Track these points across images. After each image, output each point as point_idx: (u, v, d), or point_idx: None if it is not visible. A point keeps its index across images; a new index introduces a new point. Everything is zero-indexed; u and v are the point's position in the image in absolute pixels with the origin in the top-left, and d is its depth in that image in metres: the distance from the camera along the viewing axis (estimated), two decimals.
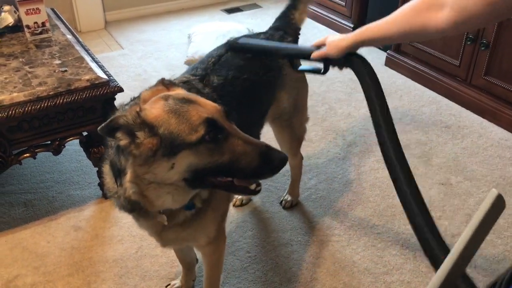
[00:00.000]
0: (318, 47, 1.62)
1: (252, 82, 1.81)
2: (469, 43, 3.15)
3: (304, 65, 1.83)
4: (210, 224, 1.57)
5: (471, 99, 3.24)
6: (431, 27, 1.26)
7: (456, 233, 2.31)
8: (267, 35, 1.99)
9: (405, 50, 3.72)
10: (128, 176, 1.24)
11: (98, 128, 1.21)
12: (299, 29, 2.15)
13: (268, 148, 1.25)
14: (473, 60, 3.18)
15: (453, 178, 2.68)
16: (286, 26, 2.08)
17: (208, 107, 1.25)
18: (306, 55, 1.65)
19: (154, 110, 1.21)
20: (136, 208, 1.38)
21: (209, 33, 4.03)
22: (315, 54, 1.60)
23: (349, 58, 1.54)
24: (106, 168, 1.42)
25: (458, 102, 3.34)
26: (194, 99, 1.26)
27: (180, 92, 1.34)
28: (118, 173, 1.29)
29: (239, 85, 1.75)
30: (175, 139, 1.18)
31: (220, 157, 1.21)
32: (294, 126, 2.17)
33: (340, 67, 1.61)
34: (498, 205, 0.83)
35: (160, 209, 1.36)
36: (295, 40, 2.12)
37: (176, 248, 1.89)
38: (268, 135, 2.30)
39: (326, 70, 1.65)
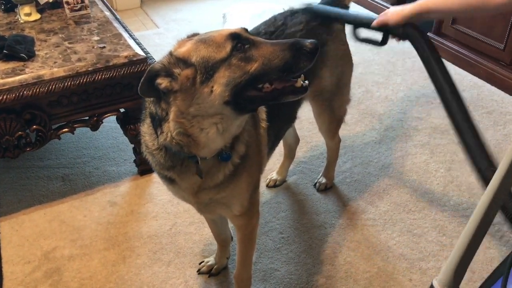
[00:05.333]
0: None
1: None
2: None
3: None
4: (244, 190, 1.57)
5: None
6: (491, 2, 1.32)
7: (496, 222, 2.24)
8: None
9: (446, 33, 3.60)
10: (172, 115, 1.28)
11: (139, 88, 1.27)
12: (347, 6, 2.11)
13: (295, 39, 1.29)
14: None
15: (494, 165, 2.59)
16: (334, 3, 2.04)
17: (229, 29, 1.30)
18: (367, 23, 1.74)
19: (183, 48, 1.30)
20: (177, 161, 1.40)
21: (244, 13, 3.99)
22: (375, 22, 1.69)
23: (408, 29, 1.59)
24: (145, 127, 1.45)
25: (501, 87, 3.22)
26: (216, 30, 1.32)
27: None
28: (159, 122, 1.33)
29: None
30: (208, 62, 1.25)
31: (253, 64, 1.25)
32: (334, 107, 2.13)
33: (398, 38, 1.66)
34: None
35: (205, 149, 1.35)
36: None
37: (211, 216, 1.89)
38: (307, 115, 2.26)
39: (384, 40, 1.73)
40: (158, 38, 4.09)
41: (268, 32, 1.80)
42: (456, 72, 3.44)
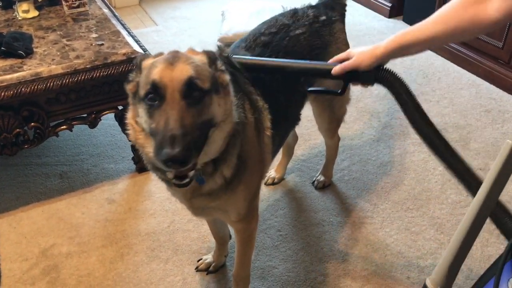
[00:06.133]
0: (340, 62, 1.46)
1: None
2: None
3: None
4: (241, 200, 1.55)
5: None
6: (482, 20, 1.18)
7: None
8: (313, 10, 1.92)
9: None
10: (129, 115, 1.33)
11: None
12: (345, 5, 2.07)
13: (169, 137, 1.11)
14: None
15: (492, 163, 2.59)
16: (333, 1, 2.01)
17: (176, 72, 1.19)
18: (324, 72, 1.48)
19: (151, 60, 1.28)
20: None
21: (243, 10, 3.98)
22: (337, 69, 1.43)
23: (383, 73, 1.39)
24: None
25: (499, 85, 3.22)
26: (180, 59, 1.22)
27: (191, 54, 1.30)
28: None
29: None
30: (139, 89, 1.25)
31: (151, 123, 1.19)
32: (334, 107, 2.12)
33: (367, 83, 1.45)
34: None
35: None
36: (342, 18, 2.03)
37: (208, 219, 1.89)
38: (305, 113, 2.26)
39: (345, 88, 1.50)
40: (156, 36, 4.08)
41: (271, 33, 1.76)
42: (454, 71, 3.45)
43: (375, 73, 1.40)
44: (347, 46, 2.03)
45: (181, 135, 1.12)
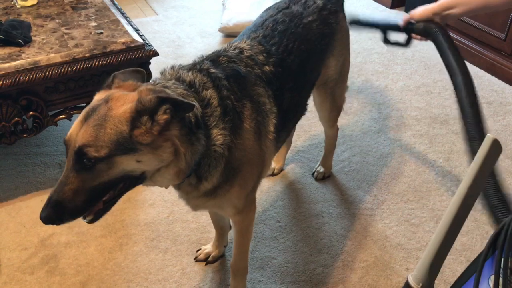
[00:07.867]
0: None
1: (307, 52, 1.75)
2: None
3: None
4: (236, 198, 1.56)
5: None
6: None
7: None
8: None
9: (447, 23, 3.56)
10: None
11: None
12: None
13: (48, 198, 1.20)
14: None
15: None
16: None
17: (79, 134, 1.18)
18: (396, 27, 1.76)
19: (101, 94, 1.29)
20: None
21: (244, 0, 3.95)
22: (402, 22, 1.70)
23: (429, 25, 1.56)
24: None
25: (502, 78, 3.20)
26: (91, 117, 1.19)
27: (124, 96, 1.24)
28: None
29: (296, 56, 1.69)
30: None
31: None
32: (335, 95, 2.11)
33: (421, 35, 1.63)
34: (495, 149, 0.89)
35: None
36: (342, 7, 2.03)
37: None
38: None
39: (408, 40, 1.74)
40: (157, 25, 4.06)
41: (284, 21, 1.73)
42: None
43: (424, 24, 1.59)
44: (348, 35, 2.04)
45: (54, 202, 1.18)
